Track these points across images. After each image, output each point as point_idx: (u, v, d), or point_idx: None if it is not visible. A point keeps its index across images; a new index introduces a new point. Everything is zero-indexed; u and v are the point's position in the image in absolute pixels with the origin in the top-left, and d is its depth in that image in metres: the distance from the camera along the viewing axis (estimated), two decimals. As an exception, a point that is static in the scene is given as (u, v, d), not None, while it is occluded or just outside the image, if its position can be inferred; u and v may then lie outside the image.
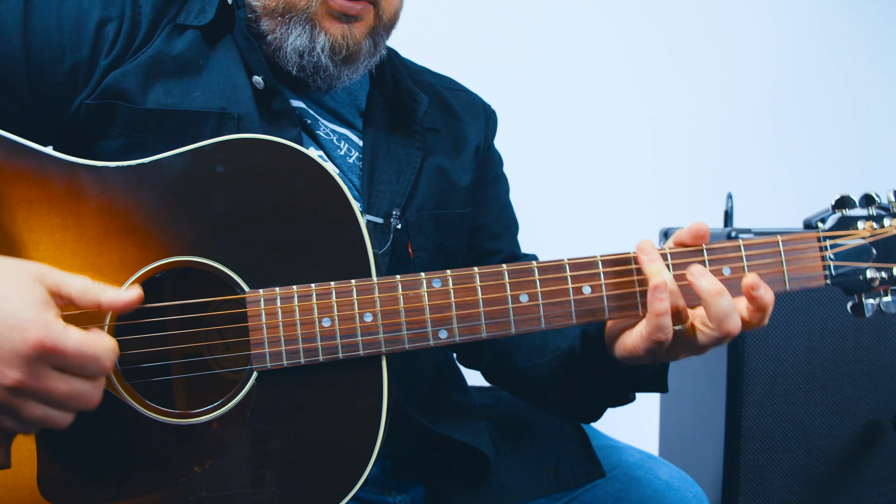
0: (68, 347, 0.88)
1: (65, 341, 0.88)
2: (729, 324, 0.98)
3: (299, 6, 1.17)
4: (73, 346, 0.88)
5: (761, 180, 2.80)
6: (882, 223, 1.03)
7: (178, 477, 1.01)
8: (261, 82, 1.19)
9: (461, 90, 1.50)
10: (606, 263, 1.04)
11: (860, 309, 1.04)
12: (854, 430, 1.91)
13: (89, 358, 0.89)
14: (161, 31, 1.18)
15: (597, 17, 2.73)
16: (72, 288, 0.93)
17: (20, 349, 0.86)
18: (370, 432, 1.02)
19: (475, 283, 1.03)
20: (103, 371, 0.92)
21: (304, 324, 1.01)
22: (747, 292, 0.98)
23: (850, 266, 1.03)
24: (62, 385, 0.90)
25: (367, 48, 1.24)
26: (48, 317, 0.88)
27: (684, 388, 2.21)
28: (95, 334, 0.91)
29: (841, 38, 2.90)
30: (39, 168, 1.01)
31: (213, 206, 1.02)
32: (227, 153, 1.03)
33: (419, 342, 1.03)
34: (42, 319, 0.87)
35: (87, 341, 0.89)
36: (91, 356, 0.89)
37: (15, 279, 0.89)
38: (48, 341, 0.87)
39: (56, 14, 1.14)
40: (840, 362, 1.90)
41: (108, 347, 0.91)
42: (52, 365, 0.88)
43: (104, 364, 0.91)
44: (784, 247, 1.04)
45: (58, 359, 0.88)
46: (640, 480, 1.36)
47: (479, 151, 1.43)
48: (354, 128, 1.32)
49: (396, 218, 1.25)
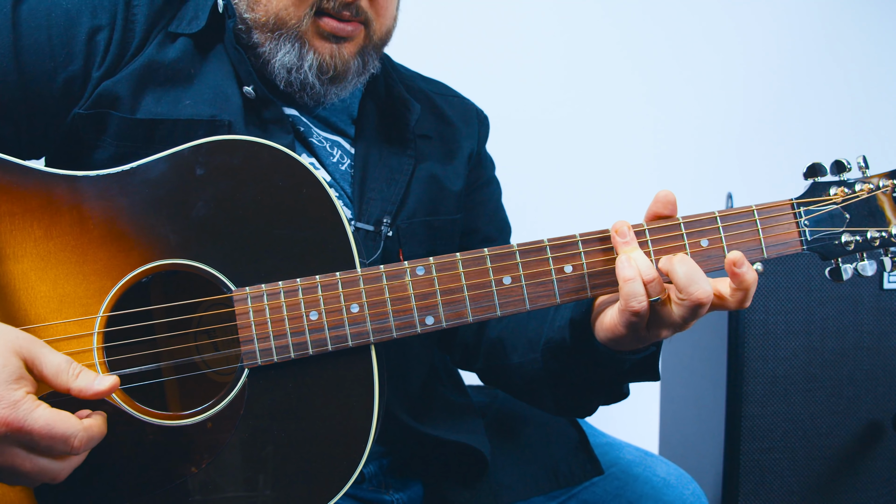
0: (34, 428, 0.86)
1: (32, 422, 0.86)
2: (696, 290, 0.95)
3: (290, 24, 1.16)
4: (40, 427, 0.86)
5: (761, 180, 2.77)
6: (853, 188, 1.02)
7: (175, 479, 1.00)
8: (252, 92, 1.18)
9: (454, 96, 1.49)
10: (586, 242, 1.03)
11: (837, 273, 1.03)
12: (854, 430, 1.87)
13: (57, 438, 0.88)
14: (154, 38, 1.17)
15: (597, 15, 2.72)
16: (46, 366, 0.91)
17: None
18: (363, 423, 1.02)
19: (458, 269, 1.03)
20: (72, 451, 0.90)
21: (291, 318, 1.01)
22: (729, 268, 0.97)
23: (824, 231, 1.02)
24: (27, 463, 0.88)
25: (356, 68, 1.22)
26: (17, 395, 0.86)
27: (684, 387, 2.19)
28: (64, 415, 0.89)
29: (842, 38, 2.87)
30: (19, 181, 1.02)
31: (195, 208, 1.02)
32: (206, 155, 1.02)
33: (407, 329, 1.03)
34: (10, 398, 0.86)
35: (55, 422, 0.87)
36: (59, 436, 0.88)
37: None
38: (14, 421, 0.85)
39: (45, 30, 1.12)
40: (840, 362, 1.86)
41: (77, 428, 0.89)
42: (18, 443, 0.87)
43: (73, 444, 0.89)
44: (759, 215, 1.03)
45: (24, 438, 0.87)
46: (637, 478, 1.34)
47: (472, 158, 1.43)
48: (347, 135, 1.32)
49: (387, 225, 1.24)
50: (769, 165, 2.78)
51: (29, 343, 0.91)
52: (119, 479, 1.00)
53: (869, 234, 1.02)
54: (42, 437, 0.87)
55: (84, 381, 0.91)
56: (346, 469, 1.01)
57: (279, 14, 1.16)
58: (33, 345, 0.91)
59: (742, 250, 1.01)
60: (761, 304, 1.81)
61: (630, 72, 2.74)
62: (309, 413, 1.01)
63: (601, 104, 2.71)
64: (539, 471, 1.33)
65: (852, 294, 1.84)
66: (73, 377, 0.91)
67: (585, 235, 1.03)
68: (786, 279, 1.82)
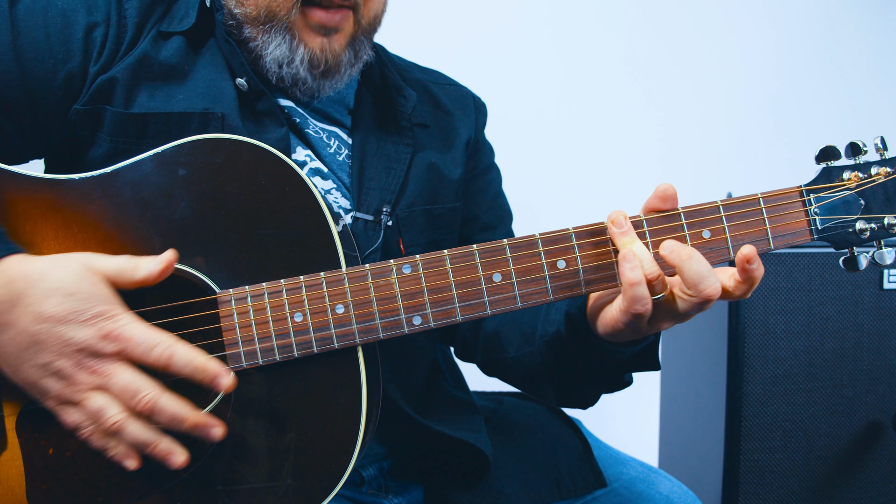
0: (133, 334, 0.87)
1: (130, 330, 0.87)
2: (706, 287, 0.85)
3: (279, 15, 1.09)
4: (138, 334, 0.87)
5: (761, 180, 2.62)
6: (869, 172, 0.88)
7: (164, 482, 0.94)
8: (244, 84, 1.12)
9: (450, 84, 1.41)
10: (580, 235, 0.92)
11: (853, 262, 0.89)
12: (854, 430, 1.79)
13: (151, 343, 0.87)
14: (146, 34, 1.11)
15: (598, 11, 2.63)
16: (111, 272, 0.91)
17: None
18: (351, 424, 0.94)
19: (446, 266, 0.93)
20: (155, 360, 0.87)
21: (276, 320, 0.93)
22: (741, 264, 0.86)
23: (837, 219, 0.89)
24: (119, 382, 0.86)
25: (348, 59, 1.16)
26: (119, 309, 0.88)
27: (684, 387, 2.11)
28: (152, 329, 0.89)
29: (842, 37, 2.77)
30: (3, 187, 0.95)
31: (178, 209, 0.95)
32: (188, 155, 0.95)
33: (394, 330, 0.93)
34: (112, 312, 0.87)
35: (148, 329, 0.88)
36: (153, 342, 0.87)
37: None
38: (114, 331, 0.86)
39: (43, 27, 1.06)
40: (840, 362, 1.78)
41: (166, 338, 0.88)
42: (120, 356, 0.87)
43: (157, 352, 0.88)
44: (765, 204, 0.90)
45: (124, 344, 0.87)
46: (640, 494, 1.25)
47: (470, 145, 1.35)
48: (343, 126, 1.24)
49: (387, 214, 1.17)
50: (769, 165, 2.67)
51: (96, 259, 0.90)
52: (111, 483, 0.93)
53: (886, 221, 0.89)
54: (139, 344, 0.86)
55: (146, 268, 0.90)
56: (335, 472, 0.94)
57: (269, 6, 1.10)
58: (96, 259, 0.90)
59: (747, 241, 0.90)
60: (761, 304, 1.73)
61: (630, 68, 2.64)
62: (296, 416, 0.94)
63: (602, 103, 2.61)
64: (541, 480, 1.24)
65: (852, 294, 1.76)
66: (135, 270, 0.90)
67: (579, 229, 0.92)
68: (786, 279, 1.73)
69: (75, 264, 0.87)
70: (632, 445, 1.72)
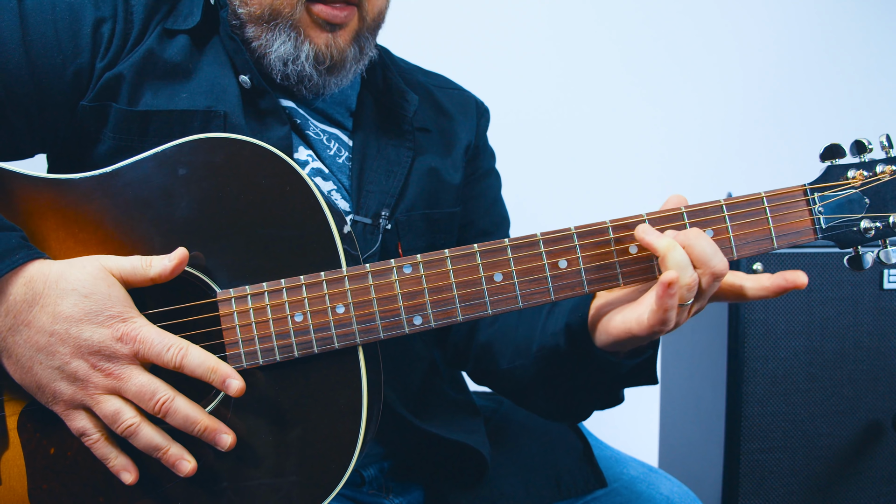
0: (148, 337, 0.88)
1: (145, 334, 0.88)
2: (717, 263, 0.84)
3: (284, 13, 1.08)
4: (153, 337, 0.88)
5: (762, 179, 2.61)
6: (874, 170, 0.86)
7: (165, 482, 0.93)
8: (247, 81, 1.10)
9: (453, 88, 1.39)
10: (582, 235, 0.90)
11: (858, 262, 0.88)
12: (854, 430, 1.78)
13: (165, 344, 0.88)
14: (152, 31, 1.10)
15: (599, 11, 2.61)
16: (125, 272, 0.92)
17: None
18: (352, 424, 0.92)
19: (447, 267, 0.91)
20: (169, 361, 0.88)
21: (276, 320, 0.91)
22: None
23: (841, 218, 0.88)
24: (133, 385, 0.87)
25: (353, 55, 1.14)
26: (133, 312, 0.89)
27: (684, 387, 2.09)
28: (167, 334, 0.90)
29: (842, 37, 2.76)
30: (5, 186, 0.94)
31: (178, 208, 0.93)
32: (188, 154, 0.94)
33: (394, 330, 0.92)
34: (128, 314, 0.88)
35: (163, 333, 0.89)
36: (168, 344, 0.88)
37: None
38: (130, 332, 0.87)
39: (52, 22, 1.04)
40: (840, 362, 1.76)
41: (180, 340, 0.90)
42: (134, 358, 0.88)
43: (170, 354, 0.88)
44: (769, 203, 0.89)
45: (138, 347, 0.87)
46: (641, 495, 1.23)
47: (469, 149, 1.33)
48: (344, 128, 1.23)
49: (386, 218, 1.16)
50: (770, 165, 2.65)
51: (111, 260, 0.90)
52: (112, 483, 0.92)
53: (892, 220, 0.87)
54: (153, 346, 0.87)
55: (159, 265, 0.90)
56: (336, 472, 0.92)
57: (273, 4, 1.08)
58: (111, 260, 0.90)
59: (750, 240, 0.89)
60: (761, 304, 1.72)
61: (631, 68, 2.62)
62: (296, 416, 0.93)
63: (602, 103, 2.59)
64: (541, 480, 1.23)
65: (852, 294, 1.74)
66: (148, 268, 0.90)
67: (581, 228, 0.90)
68: (786, 279, 1.68)
69: (92, 266, 0.88)
70: (632, 445, 1.71)
